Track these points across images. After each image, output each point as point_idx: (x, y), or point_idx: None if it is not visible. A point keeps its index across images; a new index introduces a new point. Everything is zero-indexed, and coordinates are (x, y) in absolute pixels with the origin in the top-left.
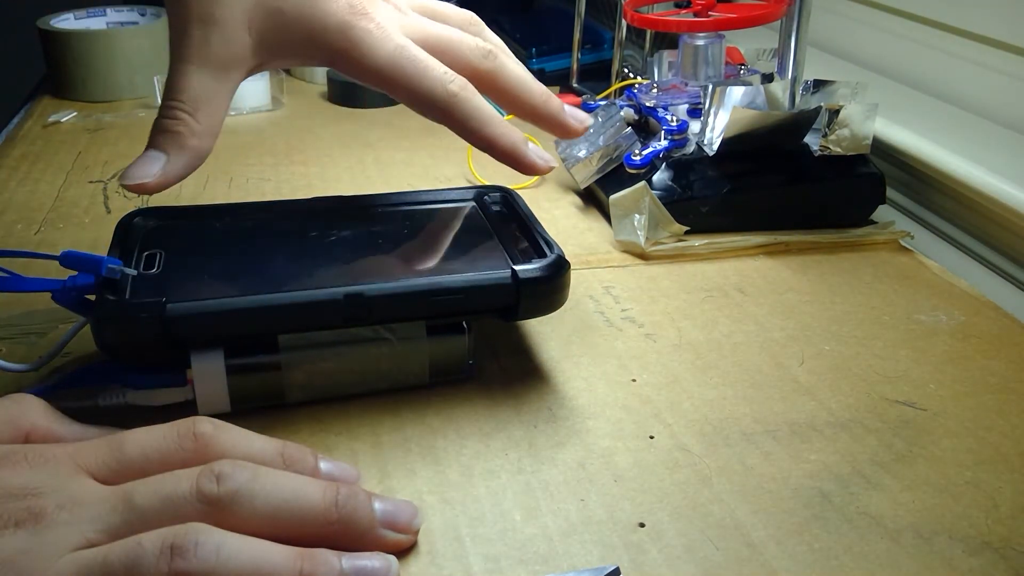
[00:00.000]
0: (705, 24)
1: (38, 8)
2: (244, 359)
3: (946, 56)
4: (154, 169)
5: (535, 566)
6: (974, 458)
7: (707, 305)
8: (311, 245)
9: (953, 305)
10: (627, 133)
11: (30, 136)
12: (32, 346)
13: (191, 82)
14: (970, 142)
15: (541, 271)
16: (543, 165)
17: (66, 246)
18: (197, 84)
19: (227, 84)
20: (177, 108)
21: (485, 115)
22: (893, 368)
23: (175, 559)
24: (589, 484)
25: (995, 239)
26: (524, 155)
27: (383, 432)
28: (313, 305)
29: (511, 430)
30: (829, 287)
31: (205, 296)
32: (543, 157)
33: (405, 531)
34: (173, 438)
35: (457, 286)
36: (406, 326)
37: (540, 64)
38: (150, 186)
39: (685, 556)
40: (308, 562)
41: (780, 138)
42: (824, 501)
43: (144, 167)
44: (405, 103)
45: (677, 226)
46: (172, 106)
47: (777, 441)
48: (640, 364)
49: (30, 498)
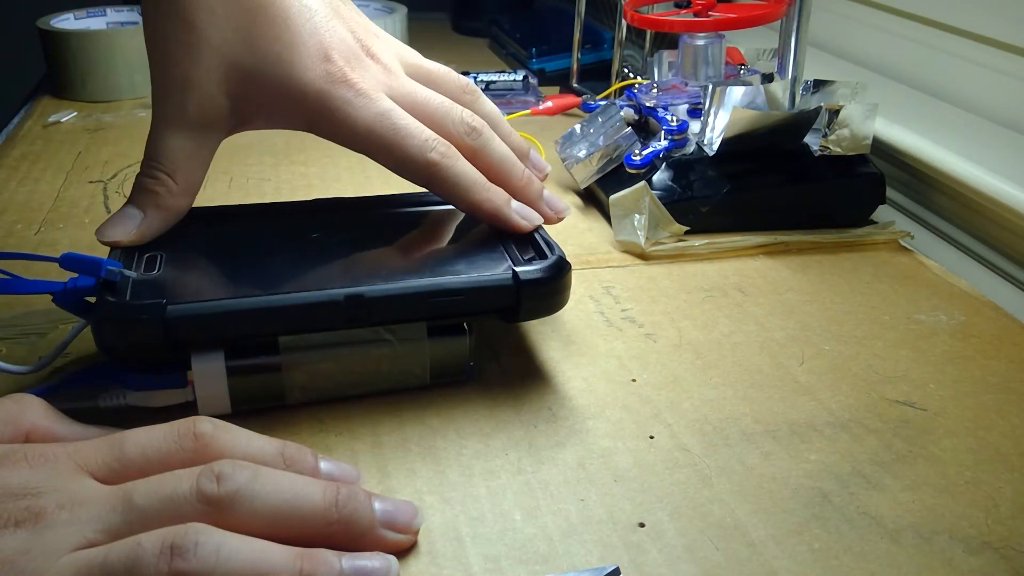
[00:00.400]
0: (705, 24)
1: (38, 8)
2: (244, 360)
3: (946, 56)
4: (130, 227)
5: (535, 566)
6: (974, 458)
7: (707, 305)
8: (312, 246)
9: (953, 305)
10: (627, 133)
11: (30, 136)
12: (32, 347)
13: (169, 144)
14: (970, 142)
15: (542, 272)
16: (526, 225)
17: (66, 246)
18: (175, 146)
19: (205, 145)
20: (156, 169)
21: (468, 181)
22: (893, 368)
23: (175, 559)
24: (589, 484)
25: (995, 239)
26: (507, 217)
27: (383, 432)
28: (313, 306)
29: (511, 430)
30: (829, 287)
31: (205, 297)
32: (527, 217)
33: (405, 531)
34: (173, 438)
35: (457, 287)
36: (406, 327)
37: (540, 64)
38: (124, 243)
39: (685, 556)
40: (308, 562)
41: (780, 138)
42: (824, 501)
43: (120, 225)
44: (388, 168)
45: (677, 226)
46: (151, 167)
47: (777, 441)
48: (640, 364)
49: (30, 498)
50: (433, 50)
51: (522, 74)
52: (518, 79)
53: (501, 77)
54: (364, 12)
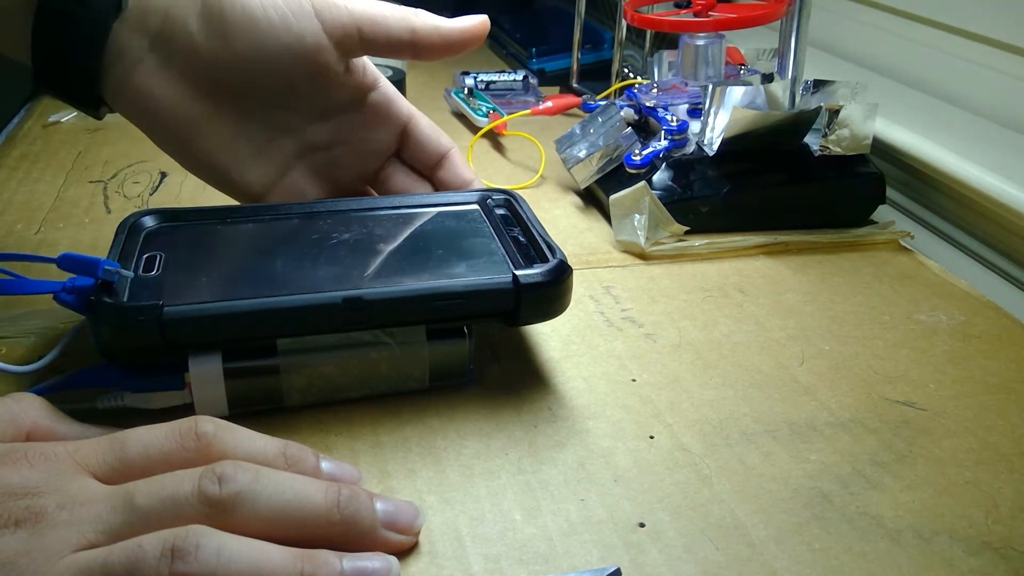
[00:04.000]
0: (705, 24)
1: None
2: (242, 363)
3: (946, 56)
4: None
5: (535, 566)
6: (974, 458)
7: (707, 305)
8: (311, 248)
9: (953, 305)
10: (627, 133)
11: (30, 136)
12: (32, 347)
13: None
14: (970, 142)
15: (542, 276)
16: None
17: (66, 246)
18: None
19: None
20: None
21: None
22: (893, 368)
23: (176, 562)
24: (589, 484)
25: (995, 239)
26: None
27: (383, 432)
28: (311, 309)
29: (511, 430)
30: (829, 287)
31: (203, 299)
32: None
33: (406, 532)
34: (175, 437)
35: (457, 290)
36: (406, 331)
37: (540, 64)
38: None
39: (685, 556)
40: (309, 563)
41: (780, 138)
42: (824, 501)
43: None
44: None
45: (677, 226)
46: None
47: (777, 441)
48: (640, 364)
49: (30, 497)
50: None
51: (522, 74)
52: (518, 79)
53: (501, 77)
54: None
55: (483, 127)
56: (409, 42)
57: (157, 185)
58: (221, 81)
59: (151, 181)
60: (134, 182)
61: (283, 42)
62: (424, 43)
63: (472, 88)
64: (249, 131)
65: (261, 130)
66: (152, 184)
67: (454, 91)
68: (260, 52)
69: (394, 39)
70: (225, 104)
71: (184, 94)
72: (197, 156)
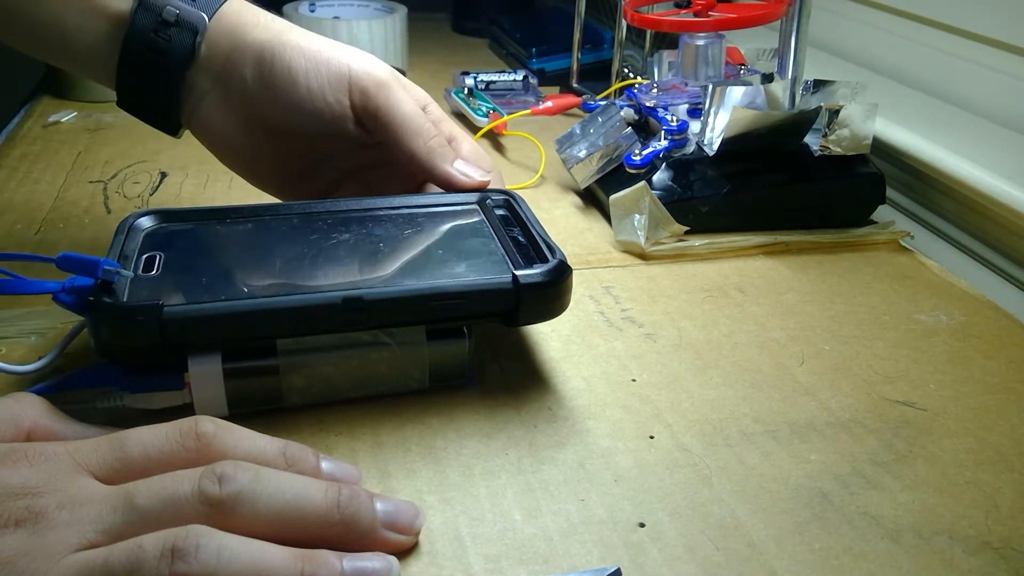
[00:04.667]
0: (705, 24)
1: None
2: (242, 363)
3: (946, 56)
4: None
5: (535, 566)
6: (974, 458)
7: (707, 305)
8: (311, 248)
9: (953, 305)
10: (627, 133)
11: (30, 136)
12: (32, 347)
13: None
14: (970, 142)
15: (542, 276)
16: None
17: (66, 246)
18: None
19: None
20: None
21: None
22: (893, 368)
23: (176, 562)
24: (589, 484)
25: (995, 239)
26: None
27: (383, 432)
28: (311, 309)
29: (511, 430)
30: (829, 287)
31: (203, 299)
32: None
33: (406, 532)
34: (175, 437)
35: (456, 291)
36: (405, 331)
37: (540, 64)
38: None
39: (685, 556)
40: (309, 563)
41: (780, 138)
42: (824, 501)
43: None
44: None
45: (677, 226)
46: None
47: (777, 441)
48: (640, 364)
49: (30, 497)
50: (433, 50)
51: (522, 74)
52: (518, 79)
53: (501, 77)
54: (364, 12)
55: (483, 127)
56: (420, 167)
57: (157, 185)
58: (266, 120)
59: (151, 181)
60: (134, 182)
61: (316, 107)
62: (427, 177)
63: (472, 88)
64: (295, 160)
65: (305, 159)
66: (152, 184)
67: (454, 91)
68: (295, 111)
69: (406, 151)
70: (272, 139)
71: (239, 127)
72: (255, 175)
